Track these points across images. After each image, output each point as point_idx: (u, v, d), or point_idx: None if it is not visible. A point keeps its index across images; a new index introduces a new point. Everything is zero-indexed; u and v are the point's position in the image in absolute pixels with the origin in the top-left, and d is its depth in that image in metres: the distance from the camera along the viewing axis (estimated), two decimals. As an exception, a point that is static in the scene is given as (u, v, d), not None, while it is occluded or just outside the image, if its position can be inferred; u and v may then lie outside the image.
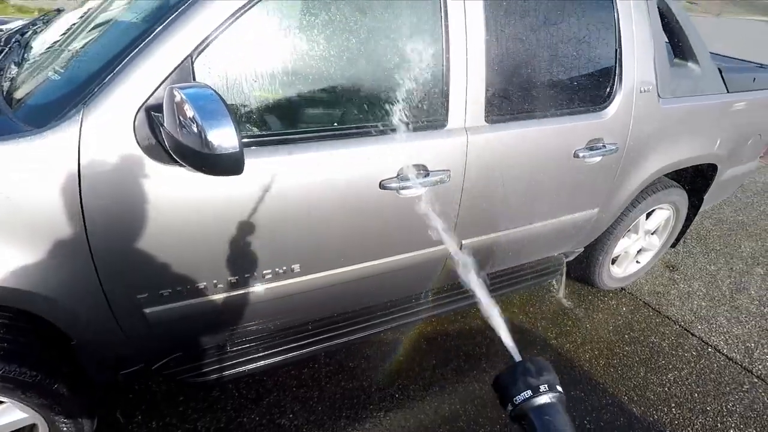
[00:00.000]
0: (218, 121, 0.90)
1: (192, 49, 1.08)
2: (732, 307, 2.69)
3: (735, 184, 2.86)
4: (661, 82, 1.97)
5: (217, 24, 1.10)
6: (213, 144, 0.90)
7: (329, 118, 1.35)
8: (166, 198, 1.14)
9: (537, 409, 0.59)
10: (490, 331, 2.34)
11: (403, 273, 1.74)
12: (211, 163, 0.93)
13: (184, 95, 0.91)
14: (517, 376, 0.62)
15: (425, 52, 1.40)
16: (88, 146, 1.01)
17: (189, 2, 1.09)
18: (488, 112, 1.55)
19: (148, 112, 1.06)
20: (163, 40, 1.06)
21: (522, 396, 0.60)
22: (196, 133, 0.90)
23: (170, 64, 1.06)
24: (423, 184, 1.46)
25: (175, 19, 1.07)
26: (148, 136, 1.07)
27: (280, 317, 1.65)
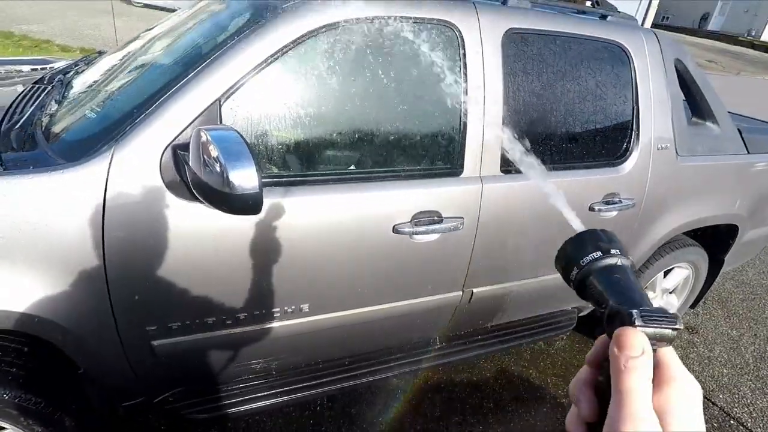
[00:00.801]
0: (241, 162, 0.93)
1: (221, 94, 1.15)
2: (756, 377, 2.56)
3: (758, 246, 2.79)
4: (679, 139, 1.98)
5: (244, 72, 1.17)
6: (234, 184, 0.93)
7: (346, 161, 1.39)
8: (184, 233, 1.17)
9: (606, 268, 0.51)
10: (498, 386, 2.26)
11: (412, 318, 1.72)
12: (231, 202, 0.97)
13: (210, 136, 0.96)
14: (585, 239, 0.54)
15: (442, 101, 1.45)
16: (115, 180, 1.05)
17: (220, 52, 1.16)
18: (503, 163, 1.57)
19: (175, 150, 1.10)
20: (195, 84, 1.13)
21: (590, 257, 0.52)
22: (219, 172, 0.94)
23: (199, 107, 1.12)
24: (436, 230, 1.47)
25: (207, 66, 1.14)
26: (173, 173, 1.12)
27: (285, 357, 1.63)
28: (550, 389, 2.27)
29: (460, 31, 1.43)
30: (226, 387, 1.66)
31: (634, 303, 0.45)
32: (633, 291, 0.47)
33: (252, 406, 1.67)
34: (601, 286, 0.49)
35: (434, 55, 1.43)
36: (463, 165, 1.50)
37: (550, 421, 2.08)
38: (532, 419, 2.08)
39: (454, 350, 2.01)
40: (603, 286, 0.49)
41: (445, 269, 1.61)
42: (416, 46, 1.41)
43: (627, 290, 0.47)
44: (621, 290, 0.47)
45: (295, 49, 1.23)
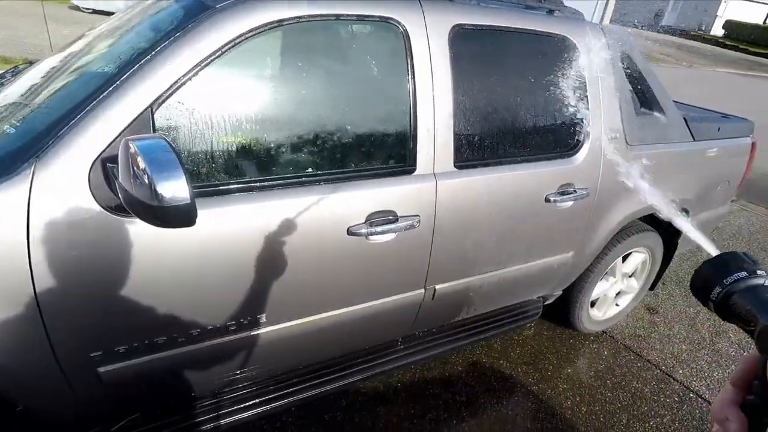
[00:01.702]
0: (169, 172, 0.89)
1: (152, 101, 1.09)
2: (712, 350, 2.67)
3: (708, 227, 2.92)
4: (628, 129, 2.04)
5: (177, 77, 1.12)
6: (163, 196, 0.89)
7: (294, 165, 1.35)
8: (121, 251, 1.11)
9: (753, 287, 0.49)
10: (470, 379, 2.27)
11: (377, 320, 1.70)
12: (162, 216, 0.92)
13: (137, 146, 0.91)
14: (728, 260, 0.52)
15: (391, 100, 1.43)
16: (39, 201, 0.98)
17: (150, 56, 1.10)
18: (457, 158, 1.57)
19: (104, 163, 1.04)
20: (123, 92, 1.07)
21: (734, 276, 0.50)
22: (147, 184, 0.89)
23: (129, 116, 1.06)
24: (392, 230, 1.45)
25: (135, 71, 1.09)
26: (104, 188, 1.06)
27: (247, 370, 1.58)
28: (520, 378, 2.30)
29: (406, 28, 1.42)
30: (187, 407, 1.60)
31: None
32: None
33: (215, 423, 1.62)
34: (749, 305, 0.48)
35: (380, 53, 1.41)
36: (416, 162, 1.49)
37: (521, 410, 2.11)
38: (504, 409, 2.10)
39: (423, 348, 2.01)
40: (752, 304, 0.48)
41: (405, 268, 1.60)
42: (361, 44, 1.39)
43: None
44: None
45: (233, 50, 1.19)
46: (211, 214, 1.19)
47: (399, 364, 1.95)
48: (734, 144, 2.58)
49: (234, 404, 1.68)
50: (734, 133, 2.61)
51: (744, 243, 4.13)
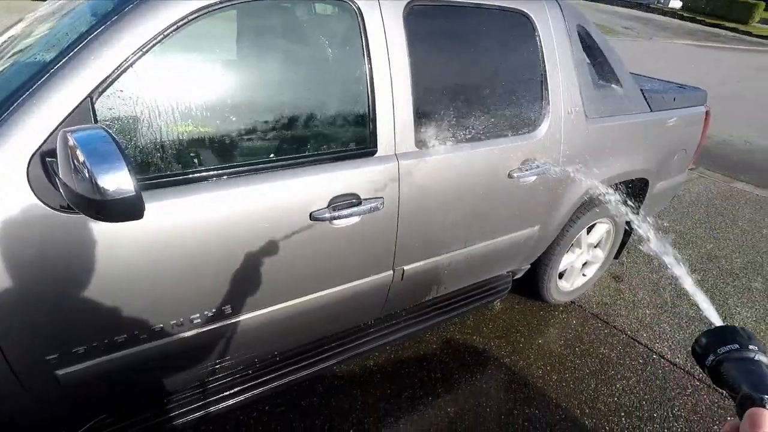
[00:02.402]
0: (110, 164, 0.85)
1: (92, 89, 1.03)
2: (674, 313, 2.79)
3: (668, 196, 3.02)
4: (587, 102, 2.07)
5: (118, 62, 1.06)
6: (105, 189, 0.85)
7: (250, 152, 1.31)
8: (70, 250, 1.06)
9: (742, 359, 0.55)
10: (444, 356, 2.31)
11: (347, 304, 1.70)
12: (106, 210, 0.88)
13: (75, 139, 0.86)
14: (725, 333, 0.59)
15: (347, 79, 1.40)
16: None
17: (87, 41, 1.04)
18: (418, 138, 1.56)
19: (44, 158, 0.99)
20: (60, 81, 1.01)
21: (727, 348, 0.57)
22: (88, 178, 0.84)
23: (67, 106, 1.00)
24: (356, 213, 1.44)
25: (72, 58, 1.02)
26: (45, 183, 1.00)
27: (216, 362, 1.56)
28: (493, 352, 2.35)
29: (359, 6, 1.38)
30: (157, 404, 1.57)
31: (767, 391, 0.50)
32: (766, 382, 0.52)
33: (189, 417, 1.60)
34: (735, 374, 0.54)
35: (334, 33, 1.38)
36: (377, 144, 1.47)
37: (494, 382, 2.17)
38: (478, 382, 2.16)
39: (395, 329, 2.03)
40: (737, 373, 0.54)
41: (372, 251, 1.60)
42: (314, 24, 1.35)
43: (760, 380, 0.52)
44: (755, 380, 0.52)
45: (178, 33, 1.13)
46: (166, 206, 1.15)
47: (373, 346, 1.97)
48: (689, 113, 2.65)
49: (207, 397, 1.66)
50: (689, 103, 2.68)
51: (702, 209, 4.30)
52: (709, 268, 3.30)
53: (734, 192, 4.80)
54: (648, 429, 2.00)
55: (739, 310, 2.86)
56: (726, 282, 3.15)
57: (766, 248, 3.65)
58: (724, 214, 4.25)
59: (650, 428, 2.01)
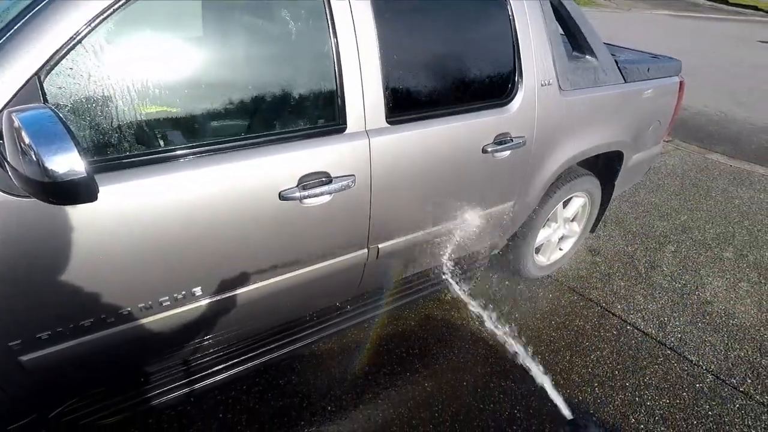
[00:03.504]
0: (57, 145, 0.81)
1: (38, 67, 0.98)
2: (648, 284, 2.86)
3: (643, 168, 3.05)
4: (561, 75, 2.05)
5: (67, 36, 1.00)
6: (54, 171, 0.81)
7: (216, 130, 1.28)
8: (29, 235, 1.02)
9: None
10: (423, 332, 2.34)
11: (322, 283, 1.69)
12: (57, 193, 0.84)
13: (19, 120, 0.82)
14: None
15: (313, 54, 1.36)
16: None
17: (31, 14, 0.98)
18: (389, 113, 1.53)
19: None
20: (2, 58, 0.95)
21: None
22: (35, 161, 0.80)
23: (12, 86, 0.95)
24: (327, 191, 1.42)
25: (14, 35, 0.96)
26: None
27: (189, 344, 1.55)
28: (470, 326, 2.39)
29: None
30: (132, 386, 1.56)
31: None
32: None
33: (163, 399, 1.60)
34: None
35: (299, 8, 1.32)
36: (346, 120, 1.44)
37: (471, 356, 2.21)
38: (456, 357, 2.19)
39: (371, 306, 2.04)
40: None
41: (345, 229, 1.58)
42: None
43: None
44: None
45: (132, 5, 1.08)
46: (128, 187, 1.12)
47: (352, 323, 1.97)
48: (664, 84, 2.66)
49: (184, 377, 1.66)
50: (663, 73, 2.69)
51: (678, 181, 4.38)
52: (682, 240, 3.38)
53: (709, 163, 4.89)
54: (620, 397, 2.07)
55: (711, 280, 2.94)
56: (699, 252, 3.23)
57: (737, 218, 3.74)
58: (698, 185, 4.33)
59: (622, 397, 2.07)
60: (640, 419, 1.99)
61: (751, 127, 6.18)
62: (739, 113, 6.71)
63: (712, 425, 1.99)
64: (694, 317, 2.60)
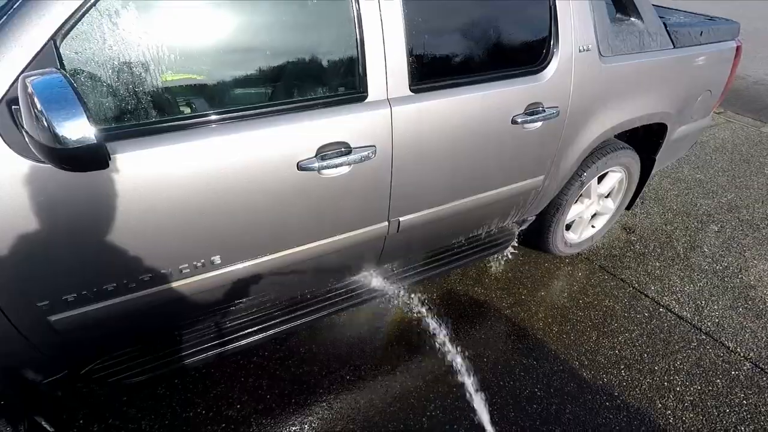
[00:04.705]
0: (66, 111, 0.80)
1: (54, 31, 0.97)
2: (685, 266, 2.72)
3: (688, 142, 2.85)
4: (601, 40, 1.90)
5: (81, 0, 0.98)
6: (64, 138, 0.81)
7: (233, 99, 1.25)
8: (50, 198, 1.04)
9: None
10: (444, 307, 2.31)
11: (341, 254, 1.68)
12: (67, 159, 0.84)
13: (32, 85, 0.81)
14: None
15: (332, 18, 1.30)
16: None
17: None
18: (413, 81, 1.46)
19: (9, 106, 0.95)
20: (18, 22, 0.94)
21: None
22: (46, 127, 0.80)
23: (29, 51, 0.94)
24: (346, 162, 1.38)
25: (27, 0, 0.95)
26: (15, 132, 0.97)
27: (211, 311, 1.59)
28: (494, 303, 2.35)
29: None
30: (157, 347, 1.62)
31: None
32: None
33: (192, 360, 1.64)
34: None
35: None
36: (367, 89, 1.38)
37: (493, 333, 2.17)
38: (477, 333, 2.16)
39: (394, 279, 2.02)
40: None
41: (365, 201, 1.55)
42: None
43: None
44: None
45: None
46: (148, 155, 1.11)
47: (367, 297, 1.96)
48: (717, 49, 2.43)
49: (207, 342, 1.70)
50: (718, 37, 2.46)
51: (727, 156, 4.09)
52: (728, 219, 3.17)
53: (764, 137, 4.54)
54: (647, 382, 2.00)
55: (756, 263, 2.76)
56: (745, 233, 3.04)
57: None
58: (750, 161, 4.04)
59: (649, 381, 2.00)
60: (668, 404, 1.92)
61: (815, 99, 5.67)
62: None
63: (746, 414, 1.90)
64: (735, 301, 2.46)
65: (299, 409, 1.80)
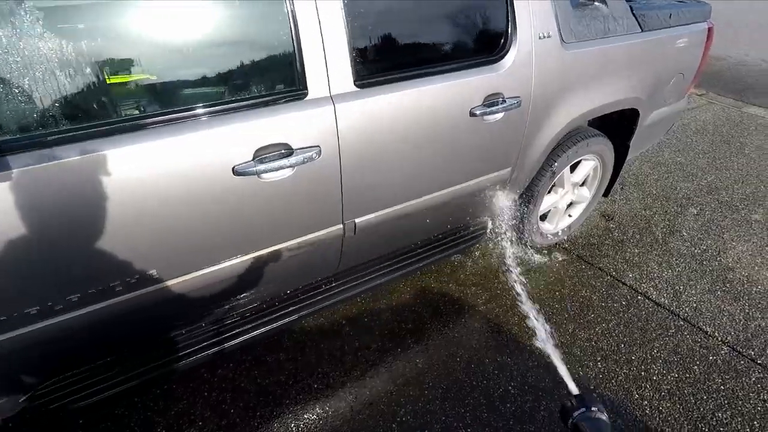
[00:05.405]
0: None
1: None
2: (664, 251, 2.67)
3: (663, 127, 2.79)
4: (563, 25, 1.83)
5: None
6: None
7: (159, 100, 1.16)
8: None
9: (589, 418, 0.88)
10: (417, 305, 2.24)
11: (297, 261, 1.61)
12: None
13: None
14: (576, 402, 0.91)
15: (263, 10, 1.21)
16: None
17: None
18: (358, 76, 1.38)
19: None
20: None
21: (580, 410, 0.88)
22: None
23: None
24: (286, 165, 1.31)
25: None
26: None
27: (155, 327, 1.51)
28: (468, 299, 2.29)
29: None
30: (110, 365, 1.54)
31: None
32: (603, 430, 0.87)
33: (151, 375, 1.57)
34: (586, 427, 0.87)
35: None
36: (307, 86, 1.30)
37: (467, 330, 2.11)
38: (450, 332, 2.11)
39: (359, 282, 1.95)
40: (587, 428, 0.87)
41: (313, 205, 1.47)
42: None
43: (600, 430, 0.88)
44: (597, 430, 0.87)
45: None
46: (69, 163, 1.03)
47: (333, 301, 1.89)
48: (688, 31, 2.37)
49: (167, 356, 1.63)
50: (689, 19, 2.40)
51: (708, 138, 4.05)
52: (707, 202, 3.13)
53: (745, 117, 4.50)
54: (624, 372, 1.95)
55: (735, 245, 2.72)
56: (724, 215, 3.00)
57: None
58: (730, 142, 4.00)
59: (626, 372, 1.96)
60: (644, 395, 1.87)
61: (795, 75, 5.64)
62: (783, 60, 6.12)
63: (724, 400, 1.86)
64: (713, 285, 2.42)
65: (264, 423, 1.73)
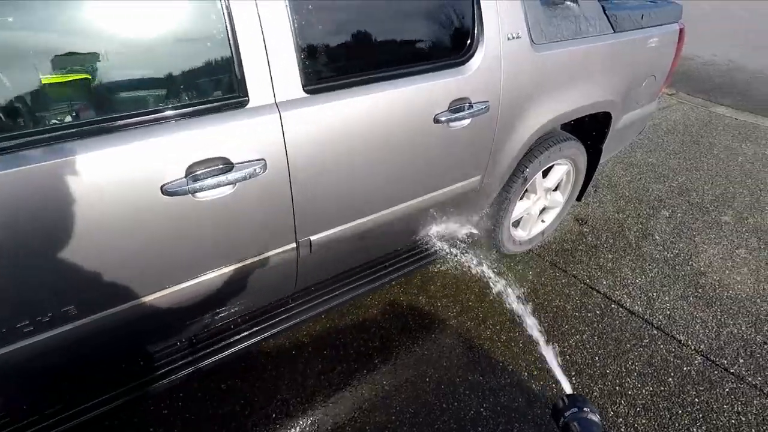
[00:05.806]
0: None
1: None
2: (637, 256, 2.62)
3: (635, 129, 2.74)
4: (533, 26, 1.73)
5: None
6: None
7: (74, 109, 1.00)
8: None
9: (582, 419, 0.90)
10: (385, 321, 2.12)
11: (250, 283, 1.46)
12: None
13: None
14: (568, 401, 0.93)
15: (195, 11, 1.06)
16: None
17: None
18: (307, 80, 1.24)
19: None
20: None
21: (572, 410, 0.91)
22: None
23: None
24: (225, 182, 1.16)
25: None
26: None
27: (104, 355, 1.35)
28: (439, 313, 2.18)
29: None
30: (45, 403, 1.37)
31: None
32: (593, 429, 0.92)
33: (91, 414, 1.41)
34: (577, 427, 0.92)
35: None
36: (247, 92, 1.16)
37: (437, 347, 2.01)
38: (419, 349, 1.99)
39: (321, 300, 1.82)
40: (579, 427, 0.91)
41: (260, 224, 1.33)
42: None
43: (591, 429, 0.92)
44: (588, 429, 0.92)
45: None
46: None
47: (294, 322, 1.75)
48: (660, 32, 2.31)
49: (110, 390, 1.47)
50: (660, 20, 2.34)
51: (678, 138, 4.06)
52: (678, 204, 3.11)
53: (713, 117, 4.54)
54: (598, 387, 1.88)
55: (706, 248, 2.70)
56: (695, 217, 2.98)
57: (739, 178, 3.45)
58: (700, 142, 4.02)
59: (601, 386, 1.88)
60: (619, 411, 1.80)
61: (762, 77, 5.75)
62: (750, 62, 6.23)
63: (698, 414, 1.80)
64: (686, 290, 2.38)
65: (216, 458, 1.59)
